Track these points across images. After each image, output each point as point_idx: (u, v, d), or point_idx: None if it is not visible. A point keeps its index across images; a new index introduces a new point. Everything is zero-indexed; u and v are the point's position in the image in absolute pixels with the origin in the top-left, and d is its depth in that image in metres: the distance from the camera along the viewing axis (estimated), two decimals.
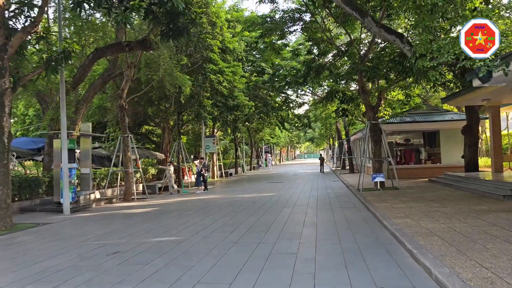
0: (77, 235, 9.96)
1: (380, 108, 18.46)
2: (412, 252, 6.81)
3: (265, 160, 68.83)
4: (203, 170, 22.56)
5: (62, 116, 14.61)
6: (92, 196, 19.68)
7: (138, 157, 27.34)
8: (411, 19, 15.03)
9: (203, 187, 22.38)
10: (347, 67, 20.53)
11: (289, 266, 6.44)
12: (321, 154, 52.30)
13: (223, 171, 37.66)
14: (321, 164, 42.04)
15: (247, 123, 45.88)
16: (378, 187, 17.88)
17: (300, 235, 8.95)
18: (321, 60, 21.77)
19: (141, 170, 20.72)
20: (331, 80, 21.74)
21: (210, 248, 7.86)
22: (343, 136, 43.91)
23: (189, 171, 34.52)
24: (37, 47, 13.86)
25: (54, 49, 13.36)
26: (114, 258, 7.35)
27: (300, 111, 52.75)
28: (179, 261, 7.00)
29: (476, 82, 10.92)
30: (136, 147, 33.20)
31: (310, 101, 45.24)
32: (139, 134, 39.16)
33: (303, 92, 38.31)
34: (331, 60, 21.61)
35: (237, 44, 29.38)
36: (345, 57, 19.79)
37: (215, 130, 36.07)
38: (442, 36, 12.13)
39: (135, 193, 19.28)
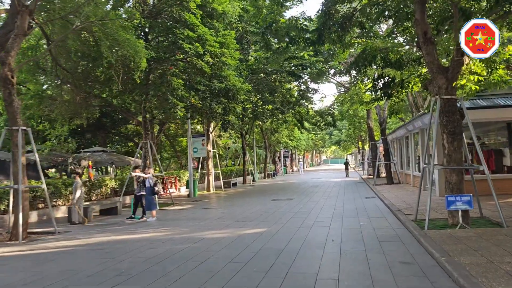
0: None
1: (463, 69, 9.80)
2: None
3: (284, 166, 60.25)
4: (156, 187, 14.18)
5: None
6: None
7: (90, 163, 19.42)
8: None
9: (153, 212, 13.91)
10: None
11: None
12: (346, 159, 49.23)
13: (221, 181, 29.32)
14: (346, 168, 42.87)
15: (259, 122, 37.61)
16: (460, 220, 9.25)
17: None
18: (346, 6, 13.38)
19: (45, 187, 12.35)
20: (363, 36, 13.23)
21: None
22: (376, 137, 35.11)
23: (175, 180, 26.51)
24: None
25: None
26: None
27: (320, 104, 44.11)
28: None
29: None
30: (102, 150, 25.38)
31: (334, 96, 37.36)
32: (118, 134, 31.41)
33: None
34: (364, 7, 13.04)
35: (230, 7, 21.11)
36: None
37: (210, 129, 27.83)
38: None
39: (26, 225, 11.07)
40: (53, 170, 28.72)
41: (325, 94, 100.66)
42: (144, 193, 13.90)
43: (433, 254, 7.02)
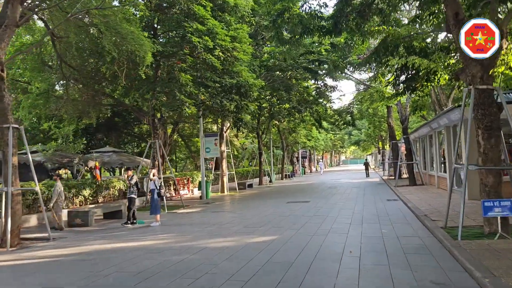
0: None
1: (503, 56, 8.57)
2: None
3: (303, 167, 58.92)
4: (162, 189, 13.24)
5: None
6: None
7: (97, 164, 18.63)
8: None
9: (157, 217, 12.94)
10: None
11: None
12: (366, 159, 49.86)
13: (236, 182, 28.30)
14: (366, 168, 42.12)
15: (276, 121, 36.46)
16: (499, 228, 8.04)
17: None
18: None
19: (38, 189, 11.52)
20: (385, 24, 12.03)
21: None
22: (398, 136, 33.59)
23: (188, 182, 25.60)
24: None
25: None
26: None
27: (339, 103, 42.77)
28: None
29: None
30: (112, 151, 24.61)
31: (353, 95, 36.23)
32: (130, 134, 30.72)
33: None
34: None
35: (243, 0, 20.09)
36: None
37: (225, 128, 26.85)
38: None
39: (17, 231, 10.27)
40: (69, 171, 28.20)
41: (344, 93, 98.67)
42: (134, 196, 13.04)
43: (472, 272, 5.85)
